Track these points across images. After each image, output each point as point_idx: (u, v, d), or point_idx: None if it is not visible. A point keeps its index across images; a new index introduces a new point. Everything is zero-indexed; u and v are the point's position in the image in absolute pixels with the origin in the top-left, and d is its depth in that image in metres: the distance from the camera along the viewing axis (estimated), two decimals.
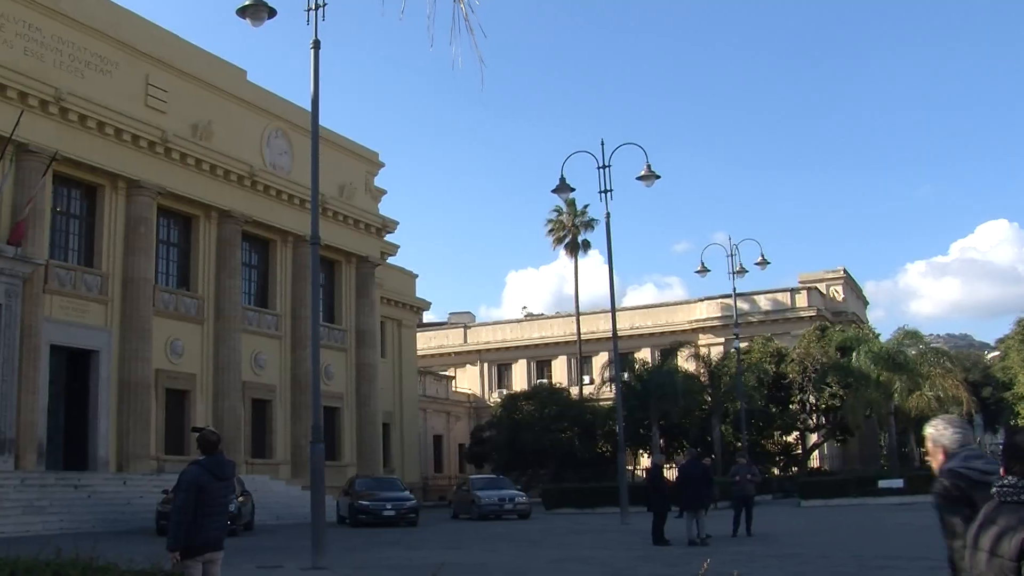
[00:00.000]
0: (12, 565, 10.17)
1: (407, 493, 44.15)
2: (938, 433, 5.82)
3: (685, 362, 68.58)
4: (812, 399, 69.43)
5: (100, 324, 43.06)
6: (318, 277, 25.61)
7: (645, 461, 66.59)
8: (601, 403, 69.97)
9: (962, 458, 5.56)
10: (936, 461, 5.77)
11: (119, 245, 43.92)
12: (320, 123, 24.37)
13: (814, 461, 75.89)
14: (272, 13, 23.89)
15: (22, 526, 33.28)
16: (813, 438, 73.74)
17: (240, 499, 33.37)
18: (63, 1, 41.45)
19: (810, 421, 72.22)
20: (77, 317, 42.19)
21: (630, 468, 58.84)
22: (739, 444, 55.60)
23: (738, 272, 54.31)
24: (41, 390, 39.86)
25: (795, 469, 70.82)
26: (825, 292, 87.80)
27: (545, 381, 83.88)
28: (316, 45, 24.01)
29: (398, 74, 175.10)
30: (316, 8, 23.90)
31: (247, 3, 23.56)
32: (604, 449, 68.98)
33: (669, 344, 74.56)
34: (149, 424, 43.74)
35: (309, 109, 25.64)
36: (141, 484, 40.48)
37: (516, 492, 48.60)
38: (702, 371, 67.26)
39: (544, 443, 66.89)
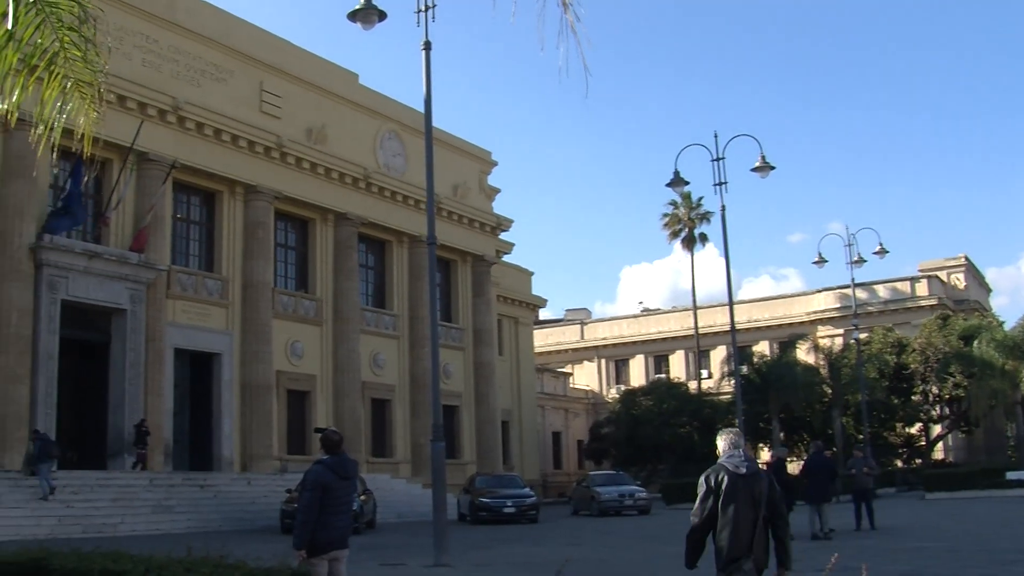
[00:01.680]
0: (147, 563, 10.43)
1: (527, 490, 44.13)
2: None
3: (804, 354, 67.78)
4: (935, 389, 68.22)
5: (222, 327, 43.82)
6: (435, 277, 25.71)
7: (765, 455, 65.91)
8: (720, 397, 69.44)
9: None
10: None
11: (238, 249, 44.65)
12: (432, 123, 24.47)
13: (938, 453, 74.50)
14: (382, 16, 23.99)
15: (152, 525, 33.98)
16: (937, 429, 72.43)
17: (362, 498, 33.63)
18: (179, 13, 42.24)
19: (933, 412, 70.91)
20: (199, 321, 42.98)
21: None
22: (860, 436, 54.81)
23: (856, 262, 53.35)
24: (166, 393, 40.74)
25: (918, 461, 69.63)
26: (946, 280, 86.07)
27: (663, 376, 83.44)
28: (427, 46, 24.06)
29: (509, 71, 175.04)
30: (426, 9, 23.95)
31: (358, 7, 23.72)
32: None
33: (787, 336, 73.72)
34: (271, 425, 44.40)
35: (421, 110, 25.76)
36: (265, 484, 41.05)
37: (636, 487, 48.32)
38: (822, 363, 66.41)
39: (663, 438, 66.53)
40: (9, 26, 9.99)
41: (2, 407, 34.43)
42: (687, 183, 42.26)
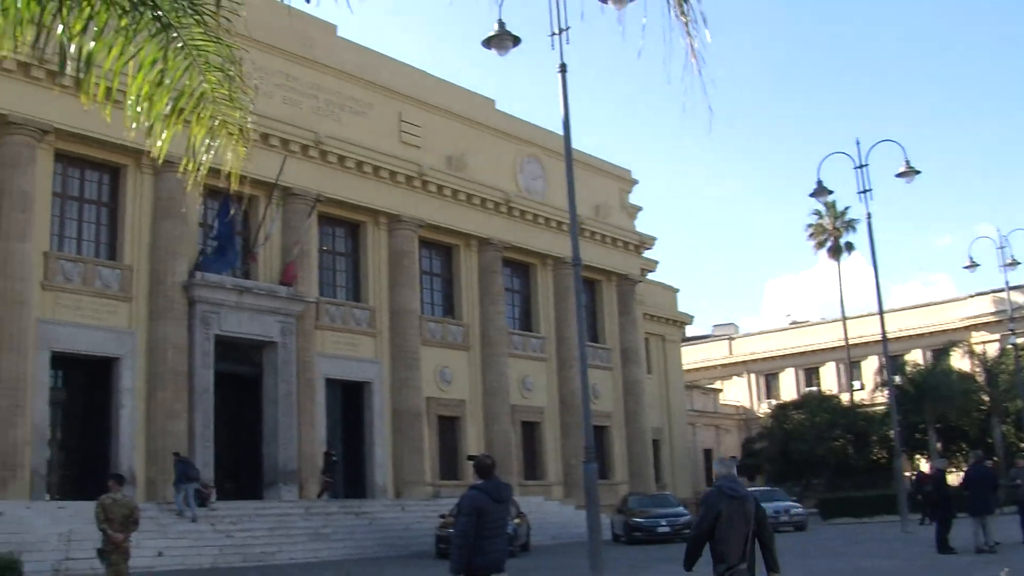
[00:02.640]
0: None
1: (681, 509, 43.82)
2: None
3: (960, 361, 66.35)
4: None
5: (371, 356, 44.37)
6: (581, 298, 25.74)
7: (923, 466, 64.60)
8: (874, 408, 68.30)
9: None
10: None
11: (384, 279, 45.22)
12: (572, 145, 24.50)
13: None
14: (517, 41, 24.17)
15: (309, 552, 34.51)
16: None
17: (517, 521, 33.72)
18: (317, 50, 43.00)
19: None
20: (349, 351, 43.61)
21: (907, 474, 57.18)
22: (1023, 445, 53.40)
23: (1010, 264, 52.22)
24: (319, 422, 41.43)
25: None
26: None
27: (814, 389, 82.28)
28: (563, 69, 24.15)
29: (645, 88, 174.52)
30: (560, 32, 24.04)
31: (492, 34, 23.92)
32: (879, 456, 67.14)
33: (941, 344, 72.32)
34: (423, 451, 44.77)
35: (559, 132, 25.82)
36: (418, 509, 41.36)
37: (791, 503, 47.74)
38: (978, 370, 64.97)
39: (817, 452, 65.53)
40: (165, 76, 10.28)
41: (162, 441, 35.30)
42: (830, 192, 41.83)
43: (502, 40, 24.03)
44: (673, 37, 9.14)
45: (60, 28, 10.30)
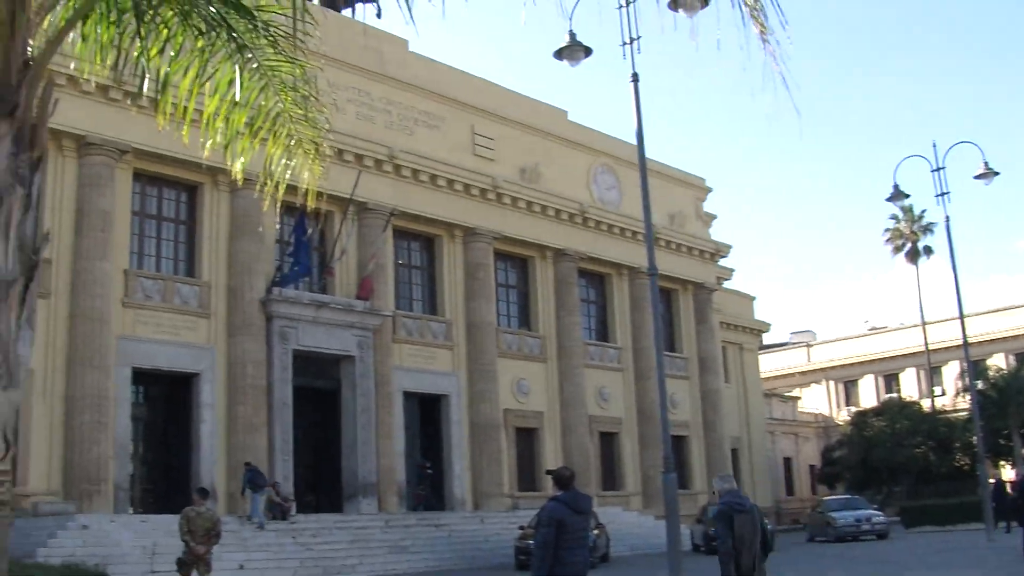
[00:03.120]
0: None
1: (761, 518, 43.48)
2: None
3: None
4: None
5: (448, 369, 44.52)
6: (658, 308, 25.62)
7: (1007, 472, 63.66)
8: (955, 414, 67.42)
9: None
10: None
11: (460, 292, 45.38)
12: (645, 154, 24.43)
13: None
14: (588, 52, 24.17)
15: (389, 565, 34.62)
16: None
17: (596, 532, 33.64)
18: (389, 65, 43.28)
19: None
20: (426, 364, 43.79)
21: (992, 480, 56.33)
22: None
23: None
24: (397, 435, 41.62)
25: None
26: None
27: (894, 395, 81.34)
28: (635, 78, 24.06)
29: (717, 95, 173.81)
30: (631, 42, 23.95)
31: (564, 45, 23.93)
32: (962, 462, 66.20)
33: None
34: (501, 463, 44.84)
35: (632, 142, 25.82)
36: (497, 521, 41.37)
37: (873, 511, 47.20)
38: None
39: (897, 459, 64.69)
40: (237, 95, 10.41)
41: (242, 455, 35.61)
42: (907, 196, 41.38)
43: (573, 51, 24.04)
44: (748, 43, 9.12)
45: (138, 51, 10.45)
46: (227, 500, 35.56)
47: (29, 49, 8.75)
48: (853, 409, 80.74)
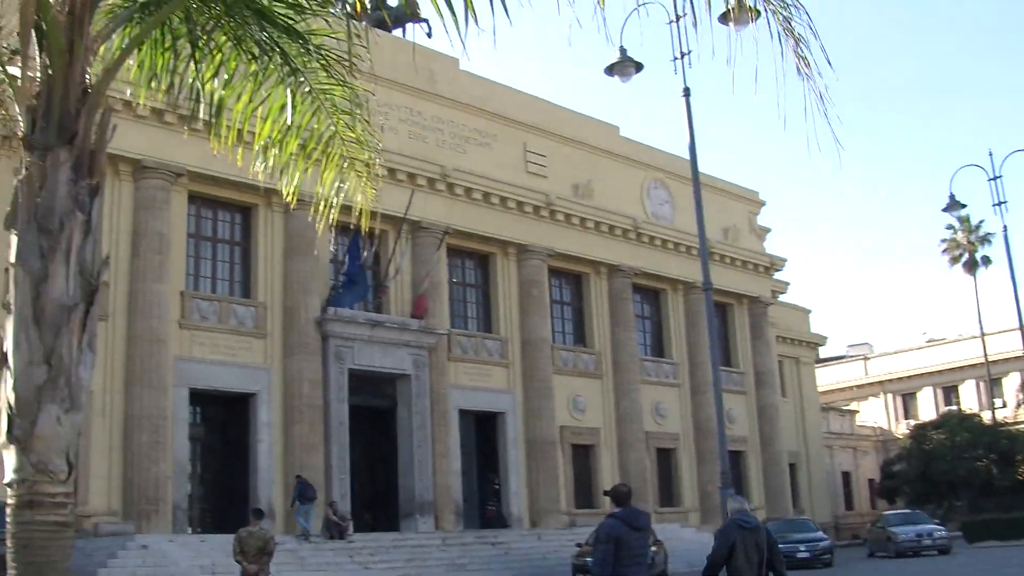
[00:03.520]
0: None
1: (820, 533, 43.15)
2: None
3: None
4: None
5: (503, 386, 44.53)
6: (713, 323, 25.57)
7: None
8: (1017, 426, 66.62)
9: None
10: None
11: (515, 309, 45.41)
12: (698, 168, 24.40)
13: None
14: (639, 67, 24.22)
15: None
16: None
17: (654, 548, 33.47)
18: (440, 84, 43.44)
19: None
20: (481, 381, 43.83)
21: None
22: None
23: None
24: (453, 453, 41.68)
25: None
26: None
27: (954, 407, 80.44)
28: (687, 93, 24.07)
29: (769, 107, 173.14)
30: (682, 56, 23.95)
31: (615, 61, 23.97)
32: None
33: None
34: (557, 480, 44.76)
35: (685, 157, 25.84)
36: (554, 539, 41.26)
37: (934, 526, 46.68)
38: None
39: (958, 473, 63.98)
40: (289, 118, 10.51)
41: (306, 478, 35.74)
42: (963, 206, 41.08)
43: (624, 67, 24.11)
44: (786, 77, 9.20)
45: (192, 75, 10.59)
46: (285, 519, 35.71)
47: (87, 77, 8.87)
48: (912, 422, 79.94)
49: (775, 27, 9.44)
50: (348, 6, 9.86)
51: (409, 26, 44.61)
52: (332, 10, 10.37)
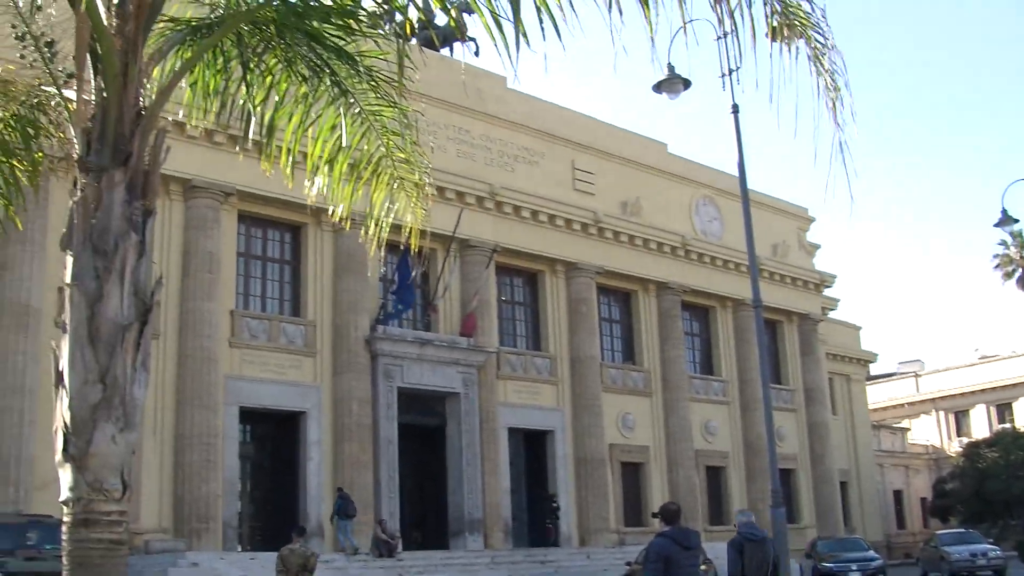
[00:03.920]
0: None
1: (872, 552, 42.83)
2: None
3: None
4: None
5: (552, 404, 44.50)
6: (763, 340, 25.46)
7: None
8: None
9: None
10: None
11: (563, 327, 45.39)
12: (747, 185, 24.33)
13: None
14: (687, 84, 24.20)
15: None
16: None
17: (704, 567, 33.31)
18: (488, 103, 43.54)
19: None
20: (530, 399, 43.81)
21: None
22: None
23: None
24: (502, 472, 41.65)
25: None
26: None
27: (1008, 425, 79.62)
28: (735, 109, 24.01)
29: (817, 123, 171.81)
30: (730, 73, 23.85)
31: (663, 78, 23.97)
32: None
33: None
34: (607, 498, 44.63)
35: (733, 173, 25.79)
36: (604, 557, 41.10)
37: (989, 546, 46.12)
38: None
39: (1013, 492, 63.32)
40: (343, 140, 10.59)
41: (349, 493, 35.83)
42: (1016, 221, 40.65)
43: (672, 84, 24.09)
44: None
45: (243, 97, 10.69)
46: (334, 537, 35.76)
47: (141, 99, 8.97)
48: (965, 440, 79.13)
49: (804, 51, 9.51)
50: (397, 27, 9.93)
51: (457, 45, 44.72)
52: (381, 31, 10.44)
